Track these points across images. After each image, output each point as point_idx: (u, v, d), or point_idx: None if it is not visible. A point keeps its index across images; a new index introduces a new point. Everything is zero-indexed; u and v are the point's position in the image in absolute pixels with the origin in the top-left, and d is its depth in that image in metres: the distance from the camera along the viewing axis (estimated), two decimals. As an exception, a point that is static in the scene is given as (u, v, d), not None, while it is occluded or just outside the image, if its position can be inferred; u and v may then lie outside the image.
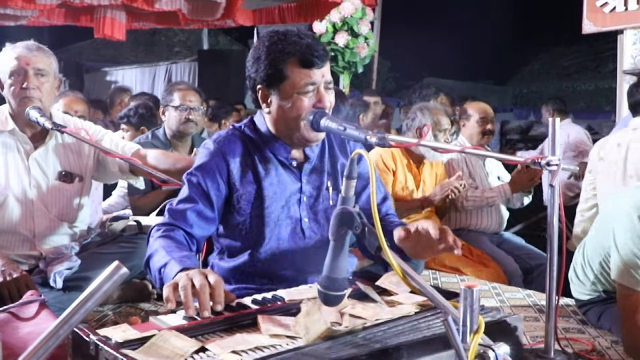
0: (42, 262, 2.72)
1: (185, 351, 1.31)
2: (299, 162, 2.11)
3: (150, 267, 1.88)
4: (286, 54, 1.95)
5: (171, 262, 1.77)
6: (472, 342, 1.11)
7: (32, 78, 2.68)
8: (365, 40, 6.32)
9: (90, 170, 2.91)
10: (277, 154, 2.08)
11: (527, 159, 1.83)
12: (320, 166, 2.14)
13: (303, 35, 1.99)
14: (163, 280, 1.77)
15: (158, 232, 1.97)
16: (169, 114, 3.81)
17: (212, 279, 1.61)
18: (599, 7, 5.90)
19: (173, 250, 1.84)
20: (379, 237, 1.36)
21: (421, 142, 1.88)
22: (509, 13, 30.35)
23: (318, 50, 1.95)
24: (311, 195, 2.12)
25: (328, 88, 2.00)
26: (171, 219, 2.02)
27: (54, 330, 0.89)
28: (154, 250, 1.88)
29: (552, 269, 1.90)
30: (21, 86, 2.67)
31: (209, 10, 7.96)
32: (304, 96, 1.96)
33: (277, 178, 2.08)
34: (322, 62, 1.97)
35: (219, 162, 2.04)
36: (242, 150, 2.07)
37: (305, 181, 2.11)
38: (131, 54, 19.37)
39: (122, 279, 0.93)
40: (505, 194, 3.95)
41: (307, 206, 2.11)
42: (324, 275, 1.45)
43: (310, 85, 1.96)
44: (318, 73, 1.96)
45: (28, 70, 2.68)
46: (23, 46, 2.72)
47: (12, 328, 1.94)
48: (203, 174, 2.03)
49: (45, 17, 8.20)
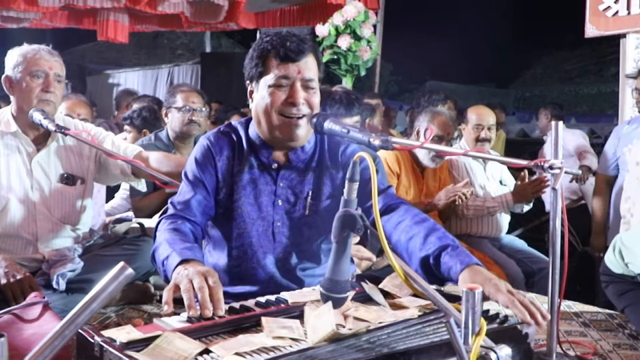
0: (45, 265, 2.72)
1: (189, 353, 1.31)
2: (279, 164, 2.12)
3: (156, 260, 1.92)
4: (266, 50, 2.00)
5: (172, 254, 1.81)
6: (474, 344, 1.12)
7: (53, 83, 2.74)
8: (367, 44, 6.31)
9: (92, 172, 2.92)
10: (258, 154, 2.11)
11: (530, 163, 1.83)
12: (305, 174, 2.13)
13: (286, 34, 2.02)
14: (166, 273, 1.82)
15: (164, 224, 2.01)
16: (172, 116, 3.82)
17: (211, 281, 1.63)
18: (602, 11, 5.90)
19: (176, 242, 1.88)
20: (380, 239, 1.37)
21: (424, 145, 1.88)
22: (511, 16, 30.36)
23: (293, 45, 1.97)
24: (288, 201, 2.11)
25: (307, 86, 2.00)
26: (175, 211, 2.07)
27: (59, 330, 0.90)
28: (159, 243, 1.93)
29: (554, 272, 1.90)
30: (42, 89, 2.71)
31: (212, 13, 7.98)
32: (277, 90, 1.99)
33: (251, 176, 2.10)
34: (297, 57, 1.97)
35: (208, 155, 2.11)
36: (228, 147, 2.12)
37: (282, 185, 2.11)
38: (134, 57, 19.39)
39: (128, 279, 0.94)
40: (507, 204, 3.92)
41: (282, 210, 2.11)
42: (326, 277, 1.46)
43: (283, 79, 1.98)
44: (293, 67, 1.98)
45: (50, 74, 2.73)
46: (45, 50, 2.76)
47: (16, 329, 1.95)
48: (197, 165, 2.11)
49: (48, 19, 8.22)
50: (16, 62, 2.73)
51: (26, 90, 2.71)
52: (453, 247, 1.80)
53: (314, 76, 2.03)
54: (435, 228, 1.90)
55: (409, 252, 1.88)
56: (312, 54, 2.04)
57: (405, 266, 1.44)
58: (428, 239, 1.85)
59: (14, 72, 2.74)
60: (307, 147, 2.14)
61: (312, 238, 2.13)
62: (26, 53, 2.74)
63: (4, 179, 2.71)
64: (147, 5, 7.37)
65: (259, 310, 1.63)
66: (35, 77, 2.71)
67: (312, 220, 2.11)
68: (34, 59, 2.72)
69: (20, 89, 2.73)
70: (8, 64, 2.76)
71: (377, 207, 1.39)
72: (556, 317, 1.92)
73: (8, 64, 2.76)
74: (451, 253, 1.78)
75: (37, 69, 2.71)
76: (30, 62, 2.71)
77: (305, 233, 2.12)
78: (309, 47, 2.02)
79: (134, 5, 7.27)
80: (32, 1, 6.94)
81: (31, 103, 2.71)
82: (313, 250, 2.14)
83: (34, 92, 2.71)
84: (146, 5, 7.37)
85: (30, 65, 2.71)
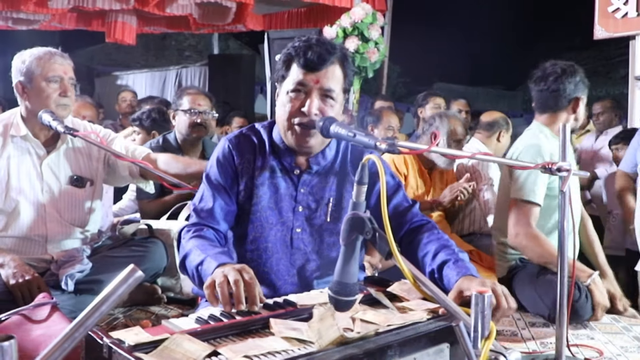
0: (54, 265, 2.73)
1: (197, 355, 1.31)
2: (301, 170, 2.10)
3: (187, 267, 1.92)
4: (290, 55, 2.00)
5: (207, 259, 1.82)
6: (483, 347, 1.11)
7: (69, 87, 2.75)
8: (375, 45, 6.31)
9: (101, 174, 2.92)
10: (281, 158, 2.09)
11: (538, 165, 1.82)
12: (327, 180, 2.11)
13: (315, 41, 1.99)
14: (201, 278, 1.82)
15: (188, 233, 2.01)
16: (179, 118, 3.83)
17: (246, 276, 1.65)
18: (611, 13, 5.88)
19: (207, 248, 1.88)
20: (389, 242, 1.37)
21: (431, 149, 1.88)
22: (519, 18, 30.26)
23: (315, 54, 1.94)
24: (309, 207, 2.09)
25: (325, 96, 1.97)
26: (199, 219, 2.06)
27: (69, 332, 0.90)
28: (188, 250, 1.92)
29: (562, 275, 1.89)
30: (60, 94, 2.72)
31: (220, 15, 8.00)
32: (295, 97, 1.98)
33: (272, 181, 2.08)
34: (317, 66, 1.95)
35: (229, 157, 2.09)
36: (249, 150, 2.10)
37: (303, 191, 2.09)
38: (142, 59, 19.42)
39: (138, 282, 0.94)
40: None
41: (302, 216, 2.09)
42: (334, 280, 1.45)
43: (300, 86, 1.97)
44: (312, 76, 1.96)
45: (65, 78, 2.74)
46: (58, 54, 2.76)
47: (24, 330, 1.95)
48: (218, 169, 2.09)
49: (57, 21, 8.27)
50: (30, 67, 2.71)
51: (43, 96, 2.71)
52: (455, 261, 1.88)
53: (336, 86, 1.99)
54: (446, 245, 1.97)
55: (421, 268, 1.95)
56: (339, 64, 2.00)
57: (414, 269, 1.43)
58: (437, 255, 1.93)
59: (27, 77, 2.72)
60: (328, 153, 2.11)
61: (332, 245, 2.10)
62: (40, 58, 2.72)
63: (14, 182, 2.72)
64: (155, 7, 7.40)
65: (267, 313, 1.63)
66: (52, 82, 2.71)
67: (332, 227, 2.09)
68: (49, 63, 2.71)
69: (37, 95, 2.72)
70: (18, 68, 2.74)
71: (385, 211, 1.39)
72: (565, 320, 1.91)
73: (18, 67, 2.74)
74: (452, 266, 1.86)
75: (54, 74, 2.71)
76: (45, 67, 2.71)
77: (326, 240, 2.10)
78: (334, 57, 1.98)
79: (143, 7, 7.30)
80: (42, 3, 6.99)
81: (49, 108, 2.70)
82: (332, 257, 2.08)
83: (52, 98, 2.71)
84: (154, 7, 7.40)
85: (46, 70, 2.70)
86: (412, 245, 2.04)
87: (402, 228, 2.10)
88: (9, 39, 8.87)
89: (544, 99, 3.07)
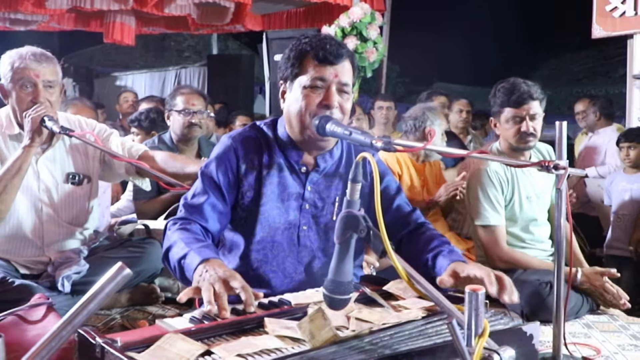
0: (51, 267, 2.71)
1: (191, 354, 1.30)
2: (308, 168, 2.09)
3: (169, 259, 1.91)
4: (305, 50, 1.99)
5: (190, 253, 1.81)
6: (477, 345, 1.11)
7: (42, 92, 2.65)
8: (374, 45, 6.31)
9: (97, 170, 2.90)
10: (288, 156, 2.08)
11: (535, 163, 1.82)
12: (333, 178, 2.11)
13: (326, 37, 2.03)
14: (184, 271, 1.82)
15: (175, 225, 1.99)
16: (173, 118, 3.81)
17: (237, 285, 1.65)
18: (609, 12, 5.88)
19: (192, 242, 1.87)
20: (384, 240, 1.36)
21: (427, 147, 1.87)
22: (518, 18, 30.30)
23: (333, 48, 1.96)
24: (315, 205, 2.09)
25: (342, 91, 1.99)
26: (187, 214, 2.04)
27: (56, 331, 0.89)
28: (173, 242, 1.91)
29: (559, 273, 1.89)
30: (32, 100, 2.63)
31: (218, 15, 8.01)
32: (312, 92, 1.97)
33: (279, 179, 2.07)
34: (335, 60, 1.96)
35: (231, 156, 2.07)
36: (254, 148, 2.08)
37: (310, 189, 2.08)
38: (141, 59, 19.45)
39: (125, 280, 0.93)
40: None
41: (309, 214, 2.09)
42: (329, 278, 1.45)
43: (319, 81, 1.96)
44: (330, 70, 1.96)
45: (38, 83, 2.64)
46: (30, 56, 2.64)
47: (20, 330, 1.95)
48: (216, 167, 2.07)
49: (55, 22, 8.26)
50: (5, 71, 2.66)
51: (17, 101, 2.65)
52: (449, 251, 1.91)
53: (349, 81, 2.01)
54: (443, 241, 2.01)
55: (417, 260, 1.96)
56: (349, 59, 2.02)
57: (409, 267, 1.43)
58: (433, 247, 1.96)
59: (5, 80, 2.67)
60: (335, 152, 2.11)
61: None
62: (13, 62, 2.64)
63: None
64: (154, 7, 7.39)
65: (261, 312, 1.62)
66: (23, 88, 2.63)
67: None
68: (19, 68, 2.62)
69: (13, 99, 2.68)
70: (1, 70, 2.69)
71: (379, 207, 1.38)
72: (562, 318, 1.90)
73: (1, 70, 2.69)
74: (446, 254, 1.90)
75: (24, 79, 2.62)
76: (16, 71, 2.63)
77: (331, 238, 2.09)
78: (346, 52, 2.01)
79: (141, 7, 7.30)
80: (39, 3, 6.98)
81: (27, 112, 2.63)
82: None
83: (24, 103, 2.64)
84: (153, 8, 7.39)
85: (17, 75, 2.62)
86: (411, 243, 2.07)
87: (404, 228, 2.13)
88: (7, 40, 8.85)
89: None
